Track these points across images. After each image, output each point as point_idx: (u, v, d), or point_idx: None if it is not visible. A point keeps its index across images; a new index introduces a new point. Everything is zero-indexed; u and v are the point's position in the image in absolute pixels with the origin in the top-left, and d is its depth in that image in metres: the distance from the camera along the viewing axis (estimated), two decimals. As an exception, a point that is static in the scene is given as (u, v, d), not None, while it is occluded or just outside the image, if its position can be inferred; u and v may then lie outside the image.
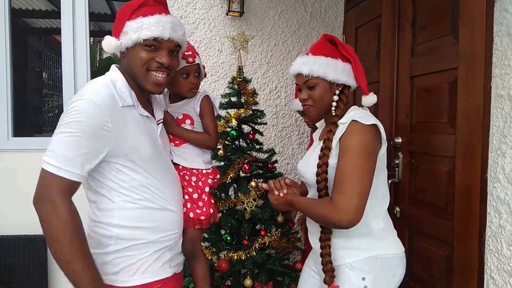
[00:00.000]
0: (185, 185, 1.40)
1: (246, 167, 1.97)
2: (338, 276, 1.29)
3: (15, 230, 2.43)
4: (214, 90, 2.67)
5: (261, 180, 2.09)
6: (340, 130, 1.26)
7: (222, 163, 2.06)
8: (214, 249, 1.97)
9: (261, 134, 2.18)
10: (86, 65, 2.61)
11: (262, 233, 1.98)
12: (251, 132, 2.10)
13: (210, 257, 1.95)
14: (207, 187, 1.43)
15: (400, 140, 1.98)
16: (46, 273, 2.45)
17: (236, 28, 2.66)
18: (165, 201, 1.25)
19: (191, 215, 1.37)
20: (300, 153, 2.85)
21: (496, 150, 1.42)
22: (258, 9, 2.72)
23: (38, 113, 4.32)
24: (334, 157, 1.26)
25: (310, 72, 1.30)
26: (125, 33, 1.17)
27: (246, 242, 1.94)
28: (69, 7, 2.56)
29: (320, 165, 1.28)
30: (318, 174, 1.28)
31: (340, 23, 2.86)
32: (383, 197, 1.34)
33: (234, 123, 2.05)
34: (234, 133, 2.03)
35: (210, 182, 1.45)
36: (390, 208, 1.40)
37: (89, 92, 1.11)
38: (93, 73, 2.65)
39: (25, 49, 4.08)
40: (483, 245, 1.47)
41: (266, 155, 2.15)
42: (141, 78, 1.19)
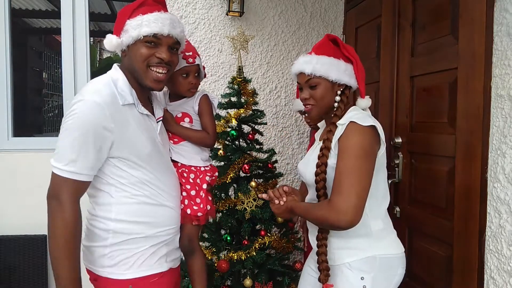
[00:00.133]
0: (183, 182, 1.43)
1: (246, 167, 1.97)
2: (337, 276, 1.29)
3: (15, 230, 2.43)
4: (214, 90, 2.68)
5: (261, 180, 2.09)
6: (338, 131, 1.27)
7: (222, 163, 2.06)
8: (214, 249, 1.97)
9: (261, 134, 2.18)
10: (86, 65, 2.61)
11: (262, 233, 1.98)
12: (251, 132, 2.10)
13: (210, 257, 1.95)
14: (205, 184, 1.45)
15: (400, 140, 1.98)
16: (46, 273, 2.45)
17: (236, 28, 2.66)
18: (163, 197, 1.29)
19: (189, 211, 1.40)
20: (300, 153, 2.85)
21: (496, 150, 1.42)
22: (258, 9, 2.72)
23: (38, 113, 4.31)
24: (333, 157, 1.26)
25: (313, 71, 1.30)
26: (126, 31, 1.20)
27: (246, 242, 1.94)
28: (69, 7, 2.56)
29: (319, 165, 1.28)
30: (317, 174, 1.28)
31: (340, 23, 2.86)
32: (383, 197, 1.34)
33: (234, 123, 2.05)
34: (234, 133, 2.03)
35: (208, 179, 1.47)
36: (390, 208, 1.41)
37: (90, 92, 1.14)
38: (93, 73, 2.65)
39: (25, 49, 4.08)
40: (483, 245, 1.47)
41: (266, 155, 2.15)
42: (141, 74, 1.22)
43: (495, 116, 1.42)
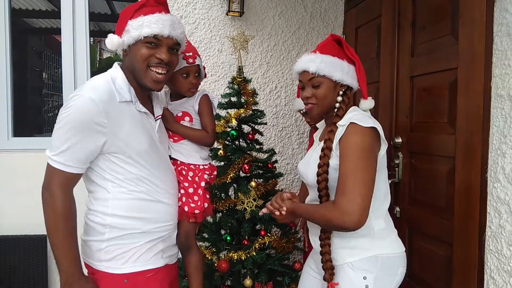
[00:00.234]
0: (181, 179, 1.45)
1: (246, 167, 1.97)
2: (340, 276, 1.29)
3: (15, 230, 2.44)
4: (214, 90, 2.68)
5: (261, 180, 2.09)
6: (339, 132, 1.27)
7: (222, 163, 2.06)
8: (214, 249, 1.97)
9: (261, 134, 2.18)
10: (86, 65, 2.61)
11: (262, 233, 1.98)
12: (251, 132, 2.10)
13: (210, 257, 1.95)
14: (203, 182, 1.47)
15: (400, 140, 1.98)
16: (46, 273, 2.45)
17: (236, 28, 2.66)
18: (160, 194, 1.31)
19: (186, 208, 1.42)
20: (300, 153, 2.85)
21: (496, 150, 1.42)
22: (258, 9, 2.72)
23: (38, 113, 4.32)
24: (335, 158, 1.26)
25: (317, 70, 1.30)
26: (127, 31, 1.23)
27: (246, 242, 1.94)
28: (69, 7, 2.56)
29: (321, 165, 1.28)
30: (319, 174, 1.28)
31: (340, 23, 2.86)
32: (384, 197, 1.34)
33: (234, 123, 2.05)
34: (234, 133, 2.03)
35: (207, 177, 1.49)
36: (390, 208, 1.41)
37: (87, 89, 1.17)
38: (93, 73, 2.65)
39: (25, 49, 4.08)
40: (483, 245, 1.47)
41: (266, 155, 2.15)
42: (141, 74, 1.25)
43: (495, 116, 1.42)
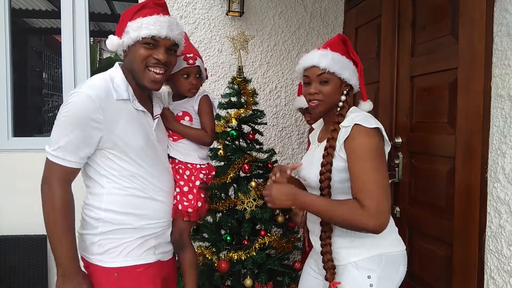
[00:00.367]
0: (177, 178, 1.47)
1: (246, 167, 1.97)
2: (344, 275, 1.29)
3: (15, 230, 2.44)
4: (214, 90, 2.68)
5: (261, 180, 2.09)
6: (342, 133, 1.26)
7: (222, 163, 2.06)
8: (214, 249, 1.97)
9: (261, 134, 2.18)
10: (86, 65, 2.61)
11: (262, 233, 1.98)
12: (251, 132, 2.09)
13: (210, 257, 1.95)
14: (198, 181, 1.48)
15: (400, 140, 1.98)
16: (46, 273, 2.45)
17: (236, 28, 2.66)
18: (153, 191, 1.34)
19: (180, 207, 1.44)
20: (300, 153, 2.85)
21: (496, 150, 1.42)
22: (258, 9, 2.72)
23: (38, 113, 4.32)
24: (338, 159, 1.26)
25: (328, 66, 1.28)
26: (127, 32, 1.27)
27: (246, 242, 1.94)
28: (69, 7, 2.56)
29: (324, 164, 1.27)
30: (322, 173, 1.27)
31: (340, 23, 2.85)
32: None
33: (234, 123, 2.05)
34: (234, 133, 2.03)
35: (202, 176, 1.50)
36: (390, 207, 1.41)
37: (85, 86, 1.22)
38: (93, 73, 2.65)
39: (25, 49, 4.08)
40: (483, 245, 1.47)
41: (266, 155, 2.15)
42: (139, 74, 1.28)
43: (495, 116, 1.42)
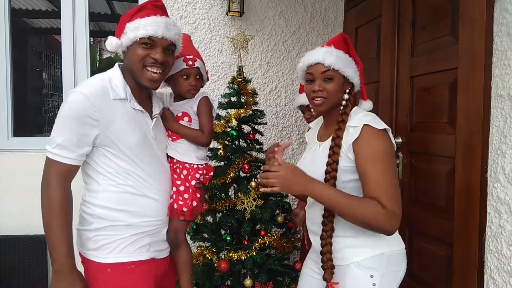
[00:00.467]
0: (174, 177, 1.48)
1: (246, 167, 1.97)
2: (346, 275, 1.28)
3: (15, 230, 2.44)
4: (214, 90, 2.68)
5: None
6: (350, 133, 1.24)
7: (222, 163, 2.06)
8: (214, 249, 1.97)
9: (261, 134, 2.17)
10: (86, 65, 2.61)
11: (262, 233, 1.98)
12: (251, 132, 2.09)
13: (210, 257, 1.95)
14: (194, 181, 1.49)
15: (400, 140, 1.98)
16: (46, 273, 2.45)
17: (236, 28, 2.66)
18: (147, 189, 1.36)
19: (175, 206, 1.45)
20: (300, 153, 2.85)
21: (496, 150, 1.42)
22: (258, 9, 2.72)
23: (38, 113, 4.32)
24: (344, 160, 1.25)
25: (333, 63, 1.28)
26: (125, 33, 1.30)
27: (246, 242, 1.94)
28: (69, 7, 2.56)
29: (330, 163, 1.25)
30: (328, 172, 1.25)
31: (340, 23, 2.85)
32: None
33: (234, 123, 2.04)
34: (234, 133, 2.03)
35: (198, 176, 1.50)
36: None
37: (83, 86, 1.26)
38: (93, 73, 2.65)
39: (25, 49, 4.08)
40: (483, 245, 1.47)
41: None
42: (138, 74, 1.31)
43: (495, 116, 1.42)
